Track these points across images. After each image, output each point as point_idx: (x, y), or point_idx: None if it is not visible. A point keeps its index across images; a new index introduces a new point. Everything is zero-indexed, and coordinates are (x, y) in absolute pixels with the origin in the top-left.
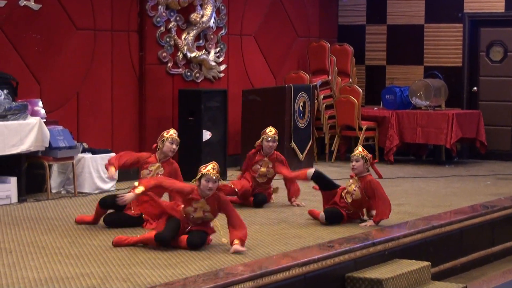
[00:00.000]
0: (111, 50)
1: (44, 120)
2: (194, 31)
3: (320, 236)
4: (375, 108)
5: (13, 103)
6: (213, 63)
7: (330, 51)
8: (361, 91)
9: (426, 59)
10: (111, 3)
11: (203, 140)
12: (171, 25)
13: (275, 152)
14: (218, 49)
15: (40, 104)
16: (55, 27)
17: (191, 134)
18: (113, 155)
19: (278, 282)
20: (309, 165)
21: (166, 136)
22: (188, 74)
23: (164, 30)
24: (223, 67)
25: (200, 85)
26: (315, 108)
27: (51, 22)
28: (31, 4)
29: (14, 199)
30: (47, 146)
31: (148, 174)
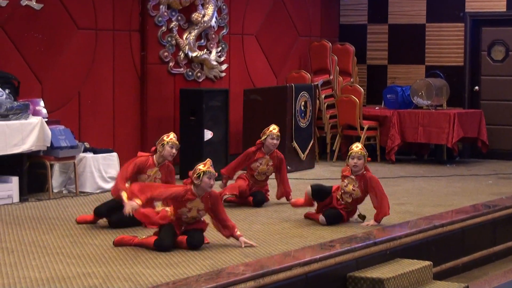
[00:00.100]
0: (113, 50)
1: (46, 119)
2: (196, 30)
3: (322, 235)
4: (376, 108)
5: (14, 102)
6: (214, 63)
7: (332, 51)
8: (362, 90)
9: (427, 59)
10: (113, 2)
11: (205, 139)
12: (172, 24)
13: (275, 150)
14: (219, 48)
15: (42, 103)
16: (56, 26)
17: (192, 133)
18: (114, 154)
19: (280, 281)
20: (310, 164)
21: (166, 140)
22: (190, 73)
23: (165, 30)
24: (224, 67)
25: (201, 84)
26: (316, 108)
27: (52, 22)
28: (33, 3)
29: (16, 198)
30: (49, 145)
31: (146, 179)
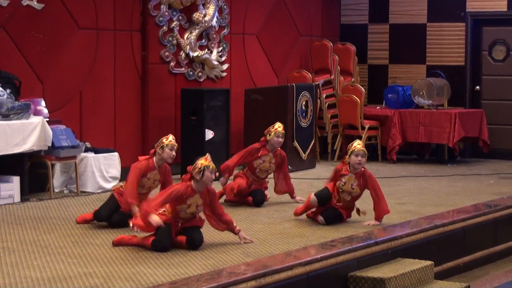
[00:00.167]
0: (114, 50)
1: (47, 119)
2: (197, 30)
3: (323, 235)
4: (377, 107)
5: (16, 102)
6: (215, 63)
7: (333, 50)
8: (363, 90)
9: (428, 58)
10: (114, 2)
11: (206, 139)
12: (173, 24)
13: (278, 148)
14: (220, 48)
15: (43, 103)
16: (57, 26)
17: (193, 133)
18: (115, 154)
19: (281, 281)
20: (311, 164)
21: (166, 142)
22: (191, 73)
23: (166, 30)
24: (225, 67)
25: (202, 84)
26: (317, 107)
27: (53, 22)
28: (34, 3)
29: (17, 198)
30: (50, 145)
31: (147, 181)
